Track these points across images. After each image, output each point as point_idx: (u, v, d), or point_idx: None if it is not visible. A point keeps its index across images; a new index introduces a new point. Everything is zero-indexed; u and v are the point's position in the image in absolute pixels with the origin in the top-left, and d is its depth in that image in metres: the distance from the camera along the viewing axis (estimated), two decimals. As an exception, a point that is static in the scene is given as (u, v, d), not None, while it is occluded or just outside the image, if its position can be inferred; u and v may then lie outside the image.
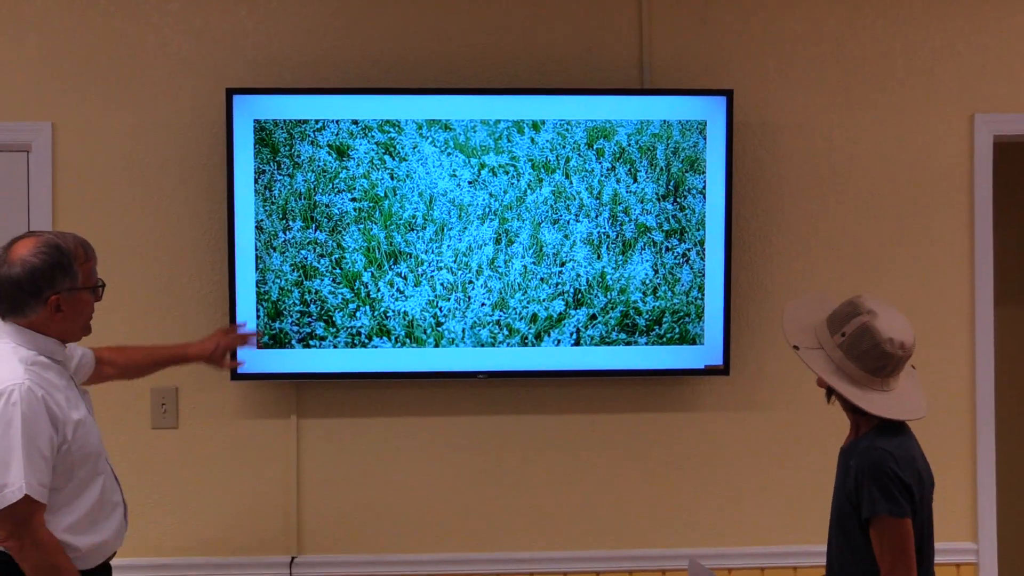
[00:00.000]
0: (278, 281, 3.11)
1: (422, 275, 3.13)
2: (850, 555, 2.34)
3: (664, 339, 3.18)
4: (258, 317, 3.11)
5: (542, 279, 3.15)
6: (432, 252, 3.13)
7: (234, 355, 2.96)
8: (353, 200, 3.11)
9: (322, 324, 3.12)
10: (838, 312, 2.37)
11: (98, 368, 2.65)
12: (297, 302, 3.12)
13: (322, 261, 3.11)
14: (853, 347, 2.30)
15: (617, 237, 3.16)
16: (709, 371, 3.21)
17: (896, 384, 2.34)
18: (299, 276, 3.11)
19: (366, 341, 3.13)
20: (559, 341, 3.16)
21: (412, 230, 3.13)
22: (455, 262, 3.14)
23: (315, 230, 3.11)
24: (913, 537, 2.26)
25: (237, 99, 3.09)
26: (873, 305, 2.32)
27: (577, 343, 3.17)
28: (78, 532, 2.33)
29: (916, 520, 2.28)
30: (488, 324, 3.15)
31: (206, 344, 2.85)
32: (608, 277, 3.16)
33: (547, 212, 3.15)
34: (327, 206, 3.11)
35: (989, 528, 3.32)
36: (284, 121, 3.10)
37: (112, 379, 2.73)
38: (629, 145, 3.15)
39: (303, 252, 3.11)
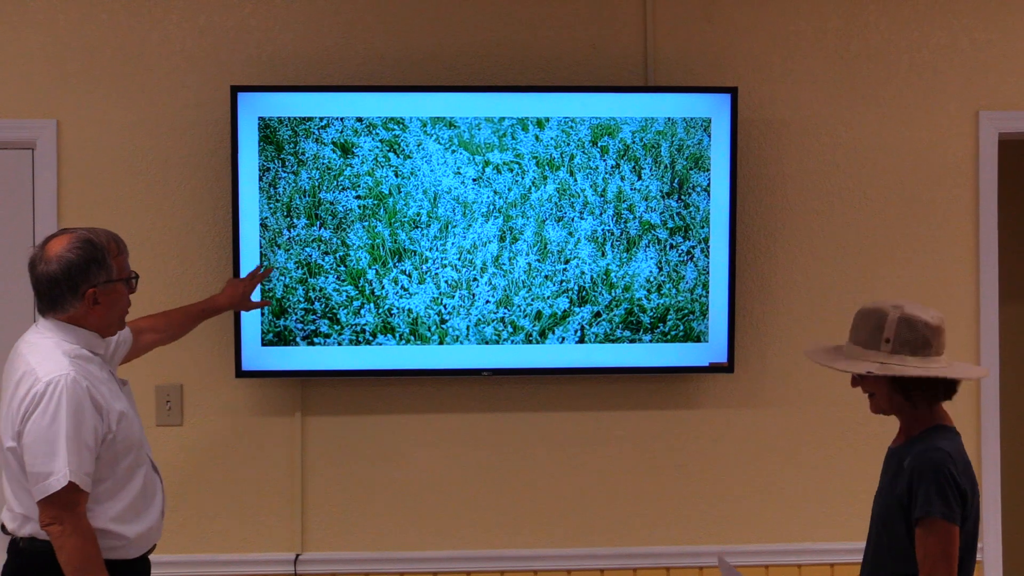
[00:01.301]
0: (282, 279, 3.11)
1: (426, 272, 3.13)
2: (889, 558, 2.30)
3: (668, 336, 3.18)
4: (262, 315, 3.12)
5: (546, 276, 3.15)
6: (436, 249, 3.13)
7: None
8: (357, 197, 3.11)
9: (326, 322, 3.12)
10: (864, 328, 2.36)
11: (136, 340, 2.71)
12: (301, 299, 3.12)
13: (326, 259, 3.12)
14: (906, 342, 2.30)
15: (621, 234, 3.16)
16: (713, 368, 3.21)
17: (949, 358, 2.36)
18: (303, 273, 3.12)
19: (370, 339, 3.13)
20: (563, 338, 3.16)
21: (416, 227, 3.13)
22: (459, 259, 3.14)
23: (319, 227, 3.11)
24: (958, 545, 2.21)
25: (241, 96, 3.09)
26: (891, 300, 2.35)
27: (581, 340, 3.17)
28: (124, 521, 2.39)
29: (963, 528, 2.24)
30: (492, 321, 3.15)
31: (229, 292, 2.96)
32: (612, 274, 3.16)
33: (551, 209, 3.15)
34: (331, 203, 3.11)
35: (993, 526, 3.32)
36: (288, 118, 3.10)
37: (153, 346, 2.81)
38: (633, 142, 3.15)
39: (307, 249, 3.11)
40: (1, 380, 2.45)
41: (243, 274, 3.08)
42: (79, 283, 2.34)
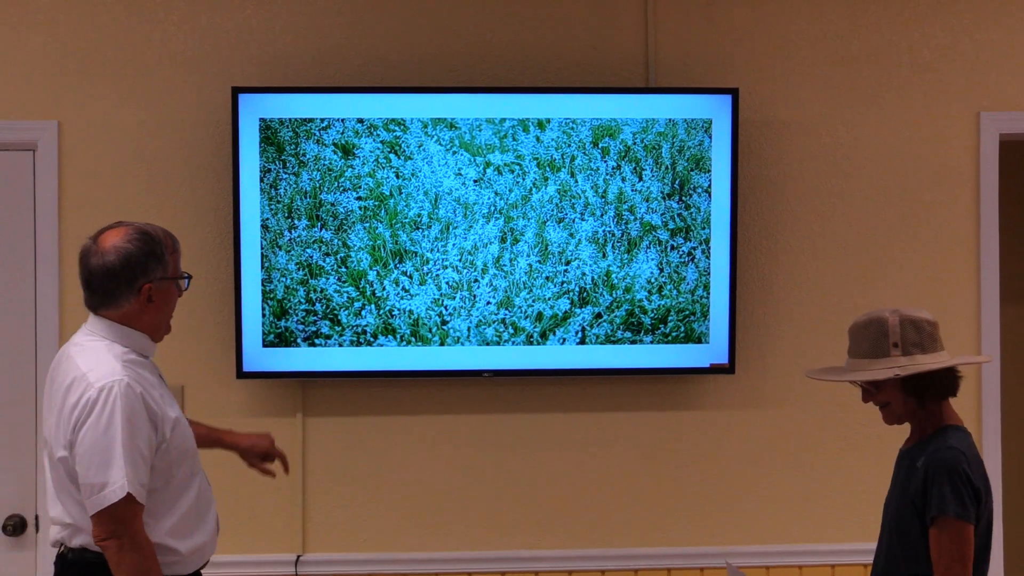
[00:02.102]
0: (284, 280, 3.11)
1: (427, 274, 3.13)
2: (903, 559, 2.31)
3: (669, 338, 3.18)
4: (263, 316, 3.12)
5: (547, 278, 3.15)
6: (437, 251, 3.13)
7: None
8: (358, 199, 3.11)
9: (327, 323, 3.12)
10: (867, 340, 2.37)
11: None
12: (303, 301, 3.12)
13: (327, 260, 3.12)
14: (915, 342, 2.32)
15: (622, 236, 3.16)
16: (714, 370, 3.21)
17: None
18: (304, 275, 3.12)
19: (371, 340, 3.13)
20: (564, 340, 3.16)
21: (417, 229, 3.13)
22: (460, 261, 3.14)
23: (320, 229, 3.11)
24: (973, 545, 2.22)
25: (243, 98, 3.09)
26: (882, 309, 2.39)
27: (582, 342, 3.17)
28: (179, 535, 2.28)
29: (978, 526, 2.25)
30: (493, 323, 3.15)
31: (253, 439, 2.71)
32: (613, 276, 3.16)
33: (552, 211, 3.15)
34: (332, 205, 3.11)
35: (995, 525, 3.30)
36: (290, 120, 3.10)
37: None
38: (634, 144, 3.15)
39: (308, 251, 3.12)
40: (48, 385, 2.33)
41: (243, 274, 3.09)
42: (137, 276, 2.23)
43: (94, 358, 2.21)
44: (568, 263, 3.16)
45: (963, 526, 2.20)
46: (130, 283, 2.24)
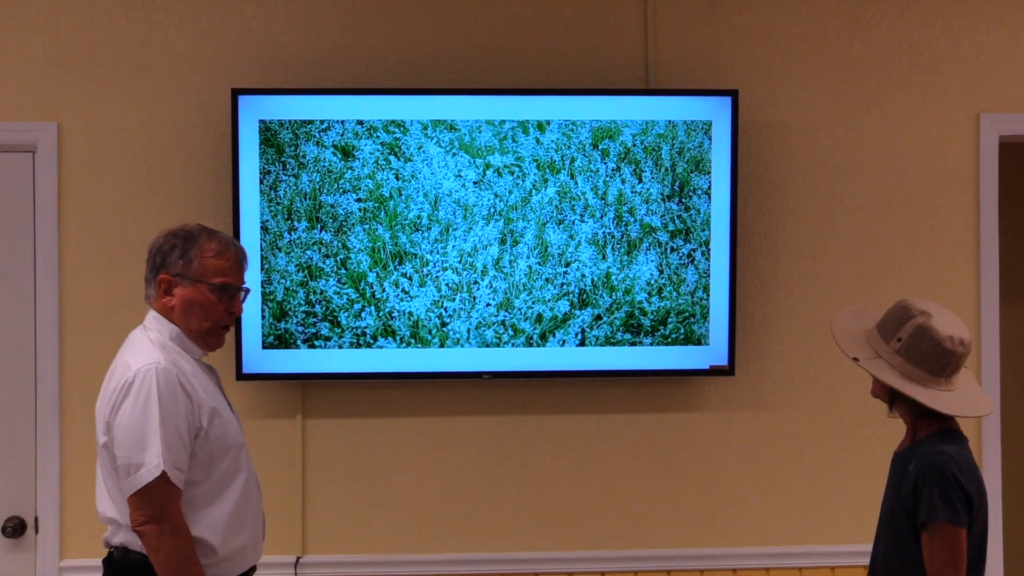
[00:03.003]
0: (283, 281, 3.12)
1: (427, 275, 3.13)
2: (898, 562, 2.31)
3: (669, 339, 3.18)
4: (263, 318, 3.12)
5: (547, 279, 3.15)
6: (437, 252, 3.13)
7: None
8: (358, 200, 3.11)
9: (327, 324, 3.12)
10: (889, 318, 2.36)
11: None
12: (302, 302, 3.12)
13: (327, 261, 3.12)
14: (912, 350, 2.29)
15: (622, 237, 3.16)
16: (714, 371, 3.21)
17: (958, 382, 2.32)
18: (304, 276, 3.12)
19: (371, 341, 3.13)
20: (564, 341, 3.16)
21: (417, 230, 3.13)
22: (460, 262, 3.14)
23: (320, 230, 3.11)
24: (966, 548, 2.21)
25: (242, 99, 3.09)
26: (924, 306, 2.32)
27: (582, 343, 3.17)
28: (217, 532, 2.24)
29: (971, 531, 2.24)
30: (493, 324, 3.15)
31: None
32: (613, 277, 3.16)
33: (552, 212, 3.15)
34: (332, 206, 3.11)
35: (994, 527, 3.31)
36: (289, 121, 3.10)
37: None
38: (634, 145, 3.15)
39: (308, 252, 3.11)
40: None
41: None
42: (158, 268, 2.31)
43: (135, 346, 2.28)
44: (568, 265, 3.16)
45: (955, 530, 2.19)
46: (153, 271, 2.33)
